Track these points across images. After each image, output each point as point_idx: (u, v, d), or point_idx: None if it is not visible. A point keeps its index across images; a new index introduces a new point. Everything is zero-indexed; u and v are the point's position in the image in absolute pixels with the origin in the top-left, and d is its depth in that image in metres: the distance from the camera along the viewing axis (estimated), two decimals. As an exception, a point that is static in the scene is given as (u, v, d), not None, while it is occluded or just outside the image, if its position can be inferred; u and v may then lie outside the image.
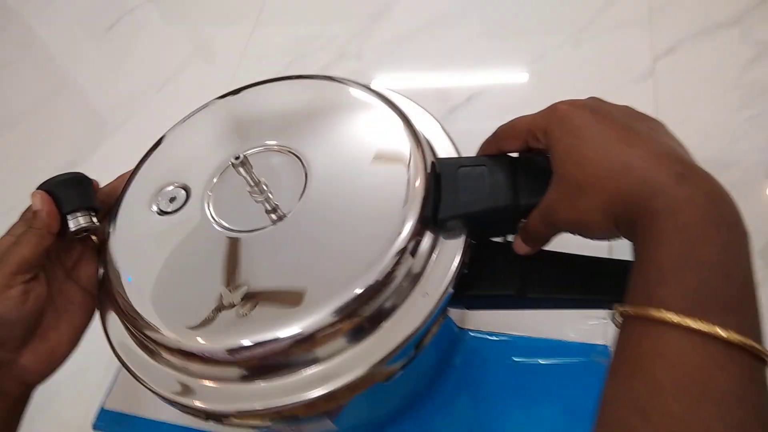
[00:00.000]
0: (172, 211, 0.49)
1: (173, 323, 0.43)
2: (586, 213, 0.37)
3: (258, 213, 0.47)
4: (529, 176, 0.42)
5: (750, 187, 0.88)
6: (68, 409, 0.93)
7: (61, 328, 0.47)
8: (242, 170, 0.45)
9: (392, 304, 0.42)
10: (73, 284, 0.49)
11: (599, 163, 0.36)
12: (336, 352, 0.41)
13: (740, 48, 1.05)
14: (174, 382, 0.44)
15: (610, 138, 0.37)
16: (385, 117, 0.49)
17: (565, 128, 0.38)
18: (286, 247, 0.44)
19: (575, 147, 0.37)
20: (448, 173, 0.45)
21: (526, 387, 0.53)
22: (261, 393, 0.42)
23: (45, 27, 1.69)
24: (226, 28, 1.49)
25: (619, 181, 0.35)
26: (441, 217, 0.43)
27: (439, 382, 0.55)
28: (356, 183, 0.46)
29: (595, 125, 0.37)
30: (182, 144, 0.53)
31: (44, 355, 0.46)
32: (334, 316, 0.40)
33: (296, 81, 0.55)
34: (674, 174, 0.34)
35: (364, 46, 1.30)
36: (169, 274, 0.45)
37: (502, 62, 1.17)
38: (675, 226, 0.32)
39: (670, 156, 0.35)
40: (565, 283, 0.45)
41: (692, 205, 0.33)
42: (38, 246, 0.44)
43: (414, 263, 0.43)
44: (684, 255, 0.32)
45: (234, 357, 0.41)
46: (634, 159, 0.35)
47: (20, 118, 1.47)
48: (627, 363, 0.32)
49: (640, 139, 0.36)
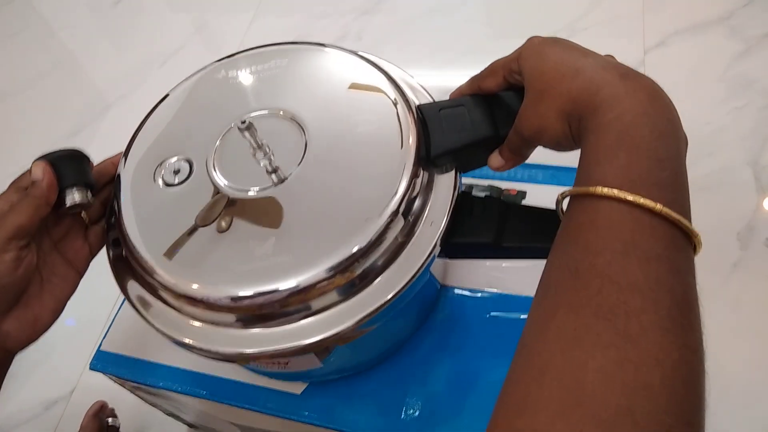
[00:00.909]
0: (178, 183, 0.50)
1: (184, 276, 0.44)
2: (545, 117, 0.40)
3: (261, 174, 0.48)
4: (504, 109, 0.46)
5: (732, 173, 0.92)
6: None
7: (44, 297, 0.48)
8: (247, 134, 0.46)
9: (384, 262, 0.45)
10: (59, 256, 0.49)
11: (556, 69, 0.40)
12: (331, 304, 0.44)
13: (728, 43, 1.08)
14: (186, 326, 0.46)
15: (569, 53, 0.40)
16: (371, 78, 0.52)
17: (534, 50, 0.42)
18: (292, 203, 0.46)
19: (540, 61, 0.41)
20: (432, 116, 0.48)
21: (502, 339, 0.56)
22: (258, 338, 0.44)
23: (49, 1, 1.71)
24: (228, 12, 1.51)
25: (570, 83, 0.38)
26: (433, 155, 0.47)
27: (421, 334, 0.57)
28: (353, 138, 0.48)
29: (559, 46, 0.41)
30: (176, 114, 0.54)
31: (27, 323, 0.47)
32: (328, 272, 0.42)
33: (289, 47, 0.57)
34: (618, 73, 0.37)
35: (364, 32, 1.32)
36: (180, 234, 0.46)
37: (497, 51, 1.19)
38: (613, 116, 0.35)
39: (616, 64, 0.38)
40: (537, 233, 0.48)
41: (631, 98, 0.35)
42: (35, 214, 0.45)
43: (416, 202, 0.45)
44: (619, 139, 0.34)
45: (237, 304, 0.43)
46: (585, 65, 0.38)
47: (23, 88, 1.49)
48: (566, 235, 0.36)
49: (595, 55, 0.40)
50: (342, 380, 0.56)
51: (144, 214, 0.49)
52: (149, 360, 0.60)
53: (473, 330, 0.58)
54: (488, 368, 0.56)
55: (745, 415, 0.74)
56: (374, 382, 0.56)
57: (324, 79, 0.53)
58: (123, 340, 0.62)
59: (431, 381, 0.56)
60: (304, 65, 0.55)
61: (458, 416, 0.54)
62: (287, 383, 0.57)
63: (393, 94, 0.49)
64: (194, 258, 0.46)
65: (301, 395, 0.56)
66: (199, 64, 0.59)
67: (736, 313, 0.80)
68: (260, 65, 0.57)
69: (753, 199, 0.88)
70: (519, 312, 0.57)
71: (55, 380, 0.96)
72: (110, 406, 0.87)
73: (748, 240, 0.84)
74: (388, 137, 0.47)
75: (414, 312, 0.57)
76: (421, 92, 0.55)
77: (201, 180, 0.50)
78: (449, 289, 0.60)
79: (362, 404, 0.55)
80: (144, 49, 1.50)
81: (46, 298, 0.48)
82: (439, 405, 0.54)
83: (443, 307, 0.59)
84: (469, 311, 0.58)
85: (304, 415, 0.55)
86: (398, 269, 0.45)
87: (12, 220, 0.44)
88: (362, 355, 0.56)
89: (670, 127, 0.35)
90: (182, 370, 0.59)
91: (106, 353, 0.62)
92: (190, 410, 0.69)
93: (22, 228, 0.44)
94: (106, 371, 0.61)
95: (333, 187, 0.47)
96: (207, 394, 0.58)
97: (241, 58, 0.58)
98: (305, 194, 0.47)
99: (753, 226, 0.85)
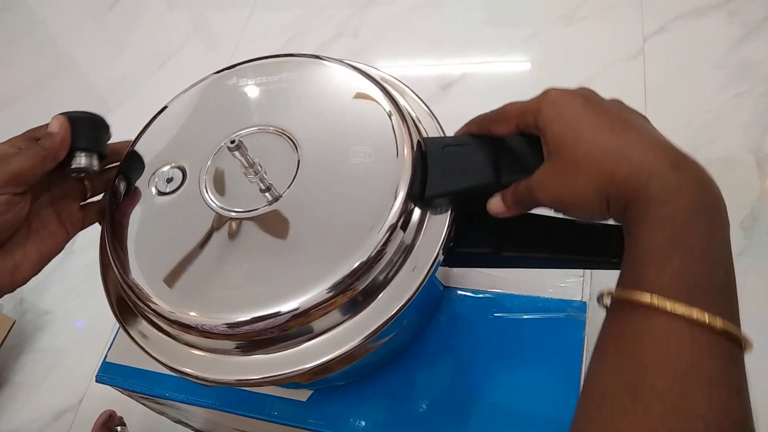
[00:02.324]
0: (170, 192, 0.50)
1: (181, 304, 0.44)
2: (579, 191, 0.37)
3: (253, 193, 0.48)
4: (510, 156, 0.44)
5: (733, 161, 0.91)
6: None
7: (27, 248, 0.47)
8: (237, 154, 0.46)
9: (384, 278, 0.44)
10: (52, 212, 0.49)
11: (596, 144, 0.36)
12: (331, 326, 0.44)
13: (728, 28, 1.07)
14: (186, 354, 0.46)
15: (604, 123, 0.37)
16: (373, 98, 0.50)
17: (557, 110, 0.39)
18: (280, 226, 0.45)
19: (570, 127, 0.38)
20: (434, 152, 0.46)
21: (506, 340, 0.56)
22: (259, 364, 0.44)
23: (46, 6, 1.71)
24: (225, 10, 1.51)
25: (615, 164, 0.35)
26: (428, 195, 0.45)
27: (425, 336, 0.57)
28: (346, 163, 0.47)
29: (589, 110, 0.38)
30: (174, 124, 0.54)
31: (6, 271, 0.46)
32: (328, 292, 0.42)
33: (288, 59, 0.56)
34: (668, 161, 0.34)
35: (362, 25, 1.32)
36: (174, 257, 0.46)
37: (496, 41, 1.19)
38: (666, 212, 0.33)
39: (662, 144, 0.36)
40: (537, 244, 0.47)
41: (683, 192, 0.33)
42: (40, 164, 0.44)
43: (405, 237, 0.45)
44: (673, 240, 0.32)
45: (234, 331, 0.43)
46: (630, 145, 0.35)
47: (22, 94, 1.49)
48: (614, 342, 0.33)
49: (633, 127, 0.37)
50: (347, 386, 0.57)
51: (138, 237, 0.49)
52: (155, 371, 0.61)
53: (477, 331, 0.58)
54: (493, 368, 0.56)
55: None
56: (379, 387, 0.56)
57: (319, 94, 0.53)
58: (128, 351, 0.63)
59: (436, 384, 0.56)
60: (299, 79, 0.54)
61: (465, 418, 0.54)
62: (293, 391, 0.57)
63: (396, 123, 0.48)
64: (191, 285, 0.45)
65: (306, 402, 0.56)
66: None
67: (741, 303, 0.79)
68: (256, 79, 0.56)
69: (756, 186, 0.88)
70: (522, 312, 0.57)
71: (64, 390, 0.97)
72: (119, 414, 0.87)
73: (752, 229, 0.84)
74: (382, 172, 0.46)
75: (418, 316, 0.57)
76: (430, 120, 0.54)
77: (193, 200, 0.49)
78: (452, 290, 0.60)
79: (368, 411, 0.55)
80: (143, 49, 1.50)
81: (30, 250, 0.47)
82: (445, 407, 0.55)
83: (446, 308, 0.59)
84: (473, 312, 0.59)
85: (310, 423, 0.55)
86: (402, 281, 0.45)
87: (14, 164, 0.43)
88: (367, 360, 0.56)
89: (720, 221, 0.33)
90: (188, 381, 0.59)
91: (111, 365, 0.62)
92: (197, 418, 0.70)
93: (22, 174, 0.43)
94: (113, 383, 0.62)
95: (326, 206, 0.46)
96: (213, 404, 0.58)
97: (237, 71, 0.57)
98: (299, 213, 0.46)
99: (757, 216, 0.85)
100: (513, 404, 0.54)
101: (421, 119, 0.54)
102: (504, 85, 1.12)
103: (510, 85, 1.11)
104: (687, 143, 0.36)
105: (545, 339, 0.55)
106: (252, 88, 0.55)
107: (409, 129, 0.48)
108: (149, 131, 0.55)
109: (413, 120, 0.52)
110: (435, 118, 0.54)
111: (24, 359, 1.01)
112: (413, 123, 0.51)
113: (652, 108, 0.98)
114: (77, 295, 1.02)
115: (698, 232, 0.32)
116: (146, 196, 0.50)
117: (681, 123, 0.98)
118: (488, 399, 0.54)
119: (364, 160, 0.47)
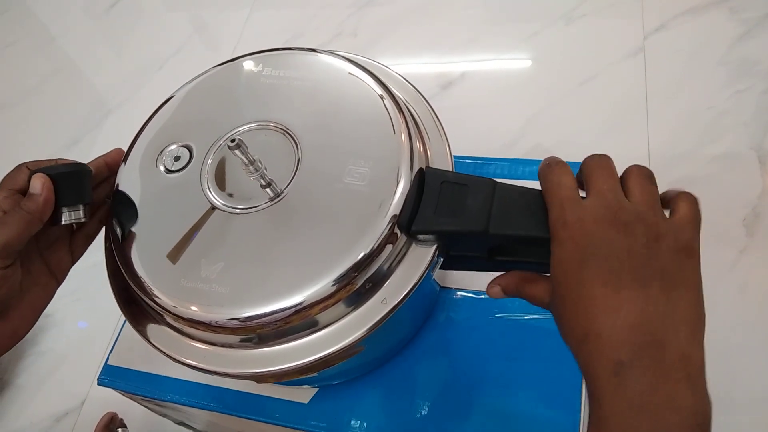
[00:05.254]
0: (174, 183, 0.50)
1: (186, 299, 0.44)
2: (561, 330, 0.38)
3: (255, 189, 0.47)
4: (505, 206, 0.43)
5: (736, 158, 0.91)
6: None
7: (22, 308, 0.46)
8: (238, 152, 0.45)
9: (388, 269, 0.44)
10: (42, 264, 0.47)
11: (574, 311, 0.37)
12: (332, 320, 0.44)
13: (728, 25, 1.06)
14: (190, 348, 0.46)
15: (596, 283, 0.36)
16: (375, 101, 0.49)
17: (573, 284, 0.37)
18: (281, 222, 0.45)
19: (582, 308, 0.36)
20: (431, 185, 0.46)
21: (507, 341, 0.56)
22: (261, 357, 0.44)
23: (45, 8, 1.71)
24: (224, 11, 1.50)
25: (578, 346, 0.36)
26: (414, 230, 0.45)
27: (425, 339, 0.57)
28: (345, 150, 0.47)
29: (604, 284, 0.36)
30: (166, 129, 0.53)
31: (5, 337, 0.45)
32: (333, 285, 0.42)
33: (296, 53, 0.56)
34: (613, 363, 0.34)
35: (362, 24, 1.31)
36: (178, 254, 0.46)
37: (497, 38, 1.19)
38: (602, 414, 0.34)
39: (634, 330, 0.34)
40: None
41: (618, 398, 0.33)
42: (25, 231, 0.42)
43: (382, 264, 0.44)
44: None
45: (238, 325, 0.43)
46: (600, 327, 0.35)
47: (22, 97, 1.49)
48: None
49: (622, 300, 0.35)
50: (347, 387, 0.56)
51: (139, 237, 0.49)
52: (156, 373, 0.61)
53: (478, 332, 0.58)
54: (493, 369, 0.56)
55: (753, 398, 0.73)
56: (380, 389, 0.56)
57: (316, 88, 0.53)
58: (130, 353, 0.63)
59: (438, 387, 0.56)
60: (297, 73, 0.54)
61: (465, 420, 0.54)
62: (295, 392, 0.57)
63: (400, 133, 0.48)
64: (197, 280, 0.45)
65: (308, 404, 0.56)
66: (198, 64, 0.59)
67: (743, 300, 0.79)
68: (254, 72, 0.56)
69: (758, 183, 0.87)
70: (523, 313, 0.57)
71: (66, 392, 0.97)
72: (120, 416, 0.87)
73: (754, 226, 0.84)
74: (373, 192, 0.46)
75: (417, 311, 0.57)
76: (420, 101, 0.53)
77: (196, 197, 0.49)
78: (453, 291, 0.60)
79: (368, 412, 0.55)
80: (142, 51, 1.50)
81: (25, 309, 0.46)
82: (446, 409, 0.54)
83: (447, 309, 0.59)
84: (474, 313, 0.59)
85: (312, 425, 0.55)
86: (403, 274, 0.45)
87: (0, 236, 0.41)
88: (365, 357, 0.56)
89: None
90: (189, 383, 0.59)
91: (113, 368, 0.62)
92: (199, 420, 0.70)
93: (10, 245, 0.41)
94: (114, 386, 0.62)
95: (327, 202, 0.46)
96: (214, 406, 0.58)
97: (236, 64, 0.57)
98: (300, 209, 0.46)
99: (759, 212, 0.84)
100: (513, 405, 0.54)
101: (422, 119, 0.54)
102: (505, 83, 1.11)
103: (510, 81, 1.11)
104: (689, 140, 0.35)
105: (546, 340, 0.55)
106: (249, 84, 0.55)
107: (411, 141, 0.48)
108: (144, 134, 0.54)
109: (414, 121, 0.52)
110: (435, 117, 0.54)
111: (25, 362, 1.01)
112: (416, 129, 0.50)
113: (654, 105, 0.97)
114: (77, 298, 1.02)
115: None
116: (148, 202, 0.50)
117: (682, 120, 0.97)
118: (489, 400, 0.54)
119: (364, 167, 0.47)
